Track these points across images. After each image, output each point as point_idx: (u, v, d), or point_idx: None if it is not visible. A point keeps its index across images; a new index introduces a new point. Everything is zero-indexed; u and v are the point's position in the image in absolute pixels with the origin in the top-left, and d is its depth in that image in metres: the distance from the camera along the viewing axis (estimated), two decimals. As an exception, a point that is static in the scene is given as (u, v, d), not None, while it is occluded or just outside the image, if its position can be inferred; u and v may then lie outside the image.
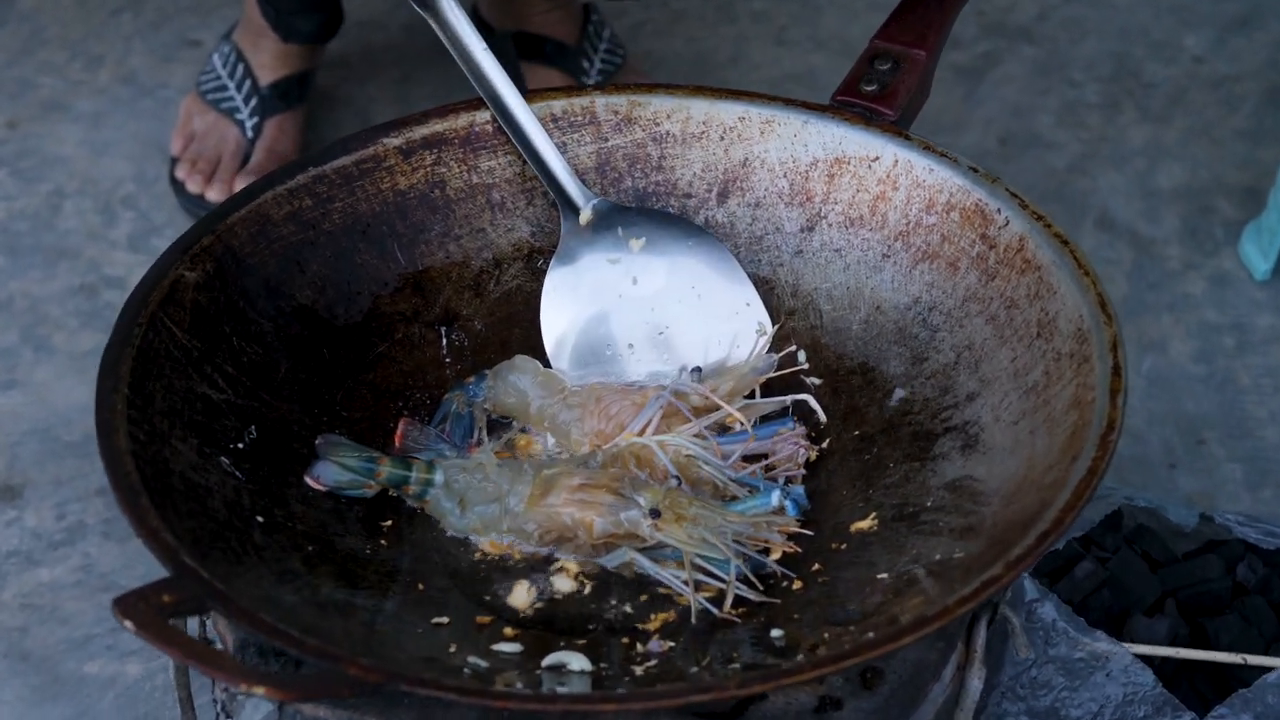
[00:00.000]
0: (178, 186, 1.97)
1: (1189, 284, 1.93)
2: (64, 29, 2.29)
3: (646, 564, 1.12)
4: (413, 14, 2.21)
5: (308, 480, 1.15)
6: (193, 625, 1.08)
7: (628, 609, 1.11)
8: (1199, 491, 1.69)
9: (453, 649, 1.05)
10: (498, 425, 1.24)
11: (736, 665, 1.04)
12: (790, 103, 1.30)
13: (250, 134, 1.98)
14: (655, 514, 1.11)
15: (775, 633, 1.06)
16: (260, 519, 1.10)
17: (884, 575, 1.09)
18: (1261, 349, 1.85)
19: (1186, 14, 2.37)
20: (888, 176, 1.27)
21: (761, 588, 1.10)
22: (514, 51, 2.07)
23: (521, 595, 1.13)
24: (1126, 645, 1.34)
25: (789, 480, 1.19)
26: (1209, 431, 1.75)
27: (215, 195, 1.94)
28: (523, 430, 1.24)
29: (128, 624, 0.90)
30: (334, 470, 1.15)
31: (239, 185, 1.93)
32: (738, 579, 1.09)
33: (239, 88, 1.98)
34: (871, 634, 1.00)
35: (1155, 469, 1.71)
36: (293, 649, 0.94)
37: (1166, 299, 1.91)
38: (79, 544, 1.63)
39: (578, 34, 2.07)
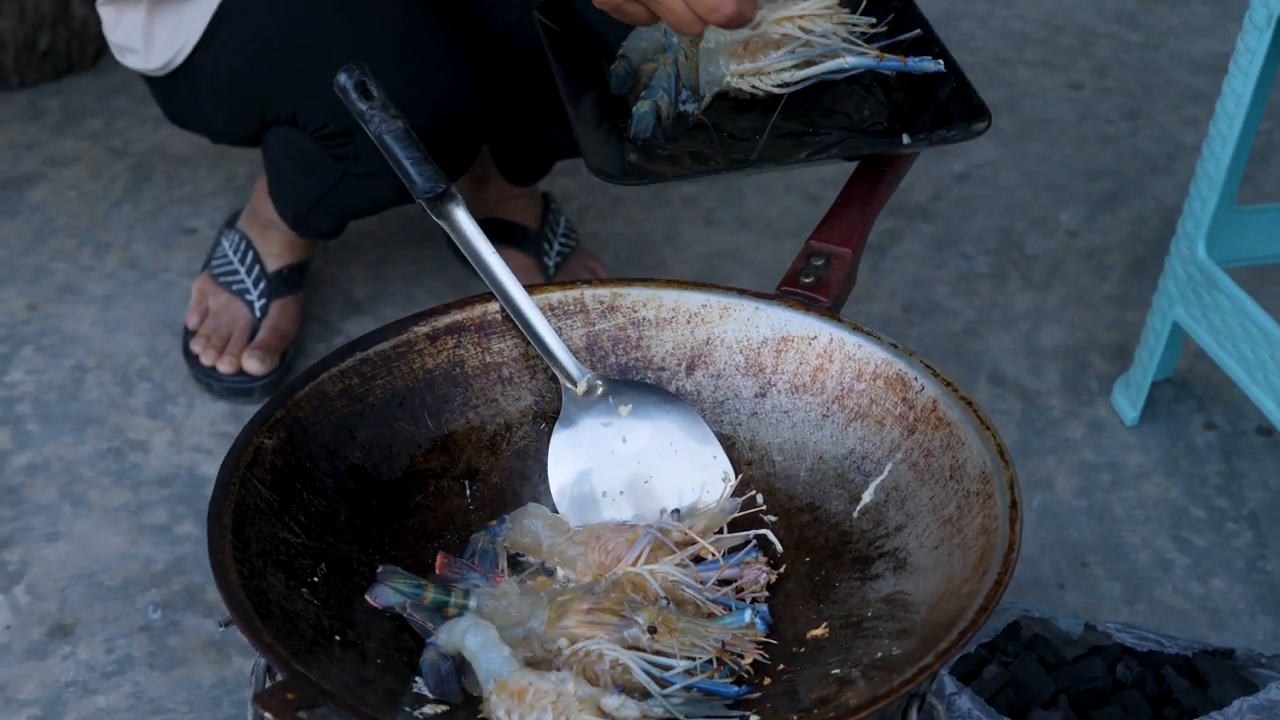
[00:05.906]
0: (191, 358, 2.23)
1: (1069, 430, 2.25)
2: (71, 219, 2.56)
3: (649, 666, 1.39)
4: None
5: (367, 599, 1.41)
6: None
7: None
8: (1084, 606, 1.99)
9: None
10: (516, 560, 1.51)
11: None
12: (743, 292, 1.60)
13: (259, 313, 2.25)
14: (652, 630, 1.39)
15: (753, 719, 1.34)
16: (338, 637, 1.36)
17: (837, 671, 1.37)
18: (1133, 484, 2.16)
19: (1062, 192, 2.71)
20: (825, 351, 1.56)
21: (750, 674, 1.37)
22: (484, 236, 2.36)
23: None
24: (1028, 733, 1.63)
25: (755, 600, 1.47)
26: (1091, 556, 2.06)
27: (225, 367, 2.20)
28: (541, 571, 1.50)
29: (268, 716, 1.16)
30: (389, 593, 1.41)
31: (247, 359, 2.20)
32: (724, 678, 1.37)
33: (249, 272, 2.26)
34: (832, 713, 1.28)
35: (1047, 589, 2.01)
36: (390, 734, 1.21)
37: (1051, 443, 2.22)
38: (128, 674, 1.87)
39: (539, 221, 2.37)
